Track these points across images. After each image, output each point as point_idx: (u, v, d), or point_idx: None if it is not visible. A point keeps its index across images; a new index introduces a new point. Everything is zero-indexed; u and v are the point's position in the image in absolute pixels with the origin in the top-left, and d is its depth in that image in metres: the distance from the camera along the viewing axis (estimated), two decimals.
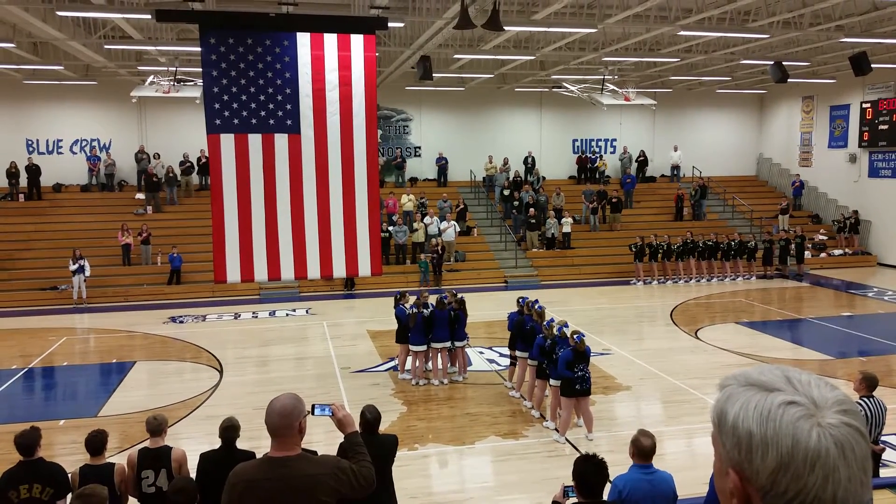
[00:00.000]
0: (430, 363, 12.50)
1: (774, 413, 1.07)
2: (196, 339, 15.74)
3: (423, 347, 12.10)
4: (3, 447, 8.76)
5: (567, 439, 9.62)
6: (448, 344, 12.14)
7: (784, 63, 19.65)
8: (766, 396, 1.10)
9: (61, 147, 25.37)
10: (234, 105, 9.81)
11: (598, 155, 29.07)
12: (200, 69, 10.27)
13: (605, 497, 4.74)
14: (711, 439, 1.19)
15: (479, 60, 22.19)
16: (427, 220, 23.16)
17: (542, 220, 24.46)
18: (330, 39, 10.10)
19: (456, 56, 19.85)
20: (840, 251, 25.40)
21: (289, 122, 10.04)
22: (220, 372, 13.26)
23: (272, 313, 18.64)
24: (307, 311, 18.79)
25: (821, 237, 26.07)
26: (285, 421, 3.42)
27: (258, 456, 3.73)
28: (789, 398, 1.09)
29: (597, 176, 28.28)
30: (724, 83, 27.24)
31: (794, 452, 1.04)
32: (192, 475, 5.69)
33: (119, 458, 7.44)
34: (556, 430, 9.87)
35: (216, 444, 5.98)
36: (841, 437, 1.05)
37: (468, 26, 12.25)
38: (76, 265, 19.39)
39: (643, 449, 5.42)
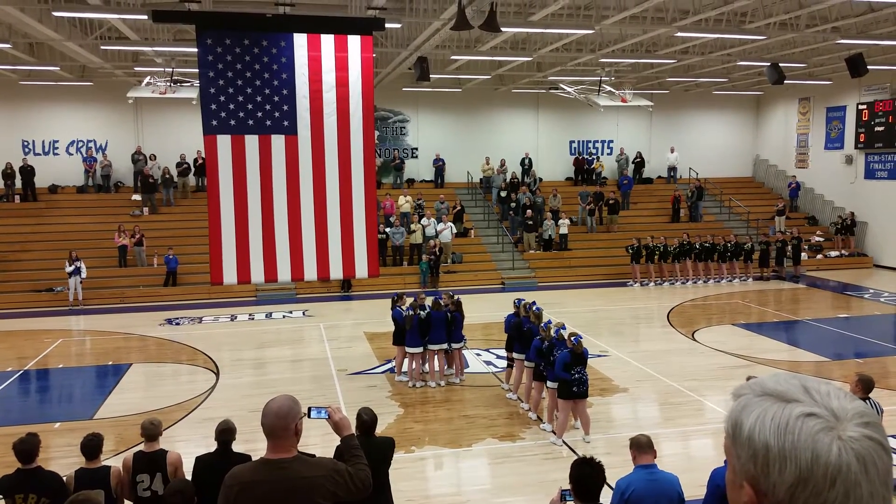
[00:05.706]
0: (426, 365, 12.47)
1: (793, 425, 1.04)
2: (192, 341, 15.71)
3: (420, 349, 12.07)
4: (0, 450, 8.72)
5: (564, 441, 9.61)
6: (445, 346, 12.11)
7: (780, 64, 19.68)
8: (784, 407, 1.06)
9: (57, 148, 25.29)
10: (231, 106, 9.79)
11: (594, 156, 29.07)
12: (197, 70, 10.24)
13: (602, 500, 4.71)
14: (725, 450, 1.15)
15: (476, 61, 22.19)
16: (424, 221, 23.14)
17: (538, 221, 24.44)
18: (327, 40, 10.10)
19: (453, 57, 19.85)
20: (836, 253, 25.44)
21: (285, 123, 10.03)
22: (217, 374, 13.22)
23: (269, 315, 18.60)
24: (304, 313, 18.75)
25: (817, 239, 26.11)
26: (281, 422, 3.40)
27: (254, 459, 3.71)
28: (808, 409, 1.05)
29: (594, 177, 28.28)
30: (720, 84, 27.28)
31: (813, 467, 1.01)
32: (188, 478, 5.67)
33: (115, 460, 7.40)
34: (553, 432, 9.85)
35: (212, 446, 5.95)
36: (863, 450, 1.02)
37: (465, 27, 12.25)
38: (72, 267, 19.33)
39: (640, 442, 5.44)
